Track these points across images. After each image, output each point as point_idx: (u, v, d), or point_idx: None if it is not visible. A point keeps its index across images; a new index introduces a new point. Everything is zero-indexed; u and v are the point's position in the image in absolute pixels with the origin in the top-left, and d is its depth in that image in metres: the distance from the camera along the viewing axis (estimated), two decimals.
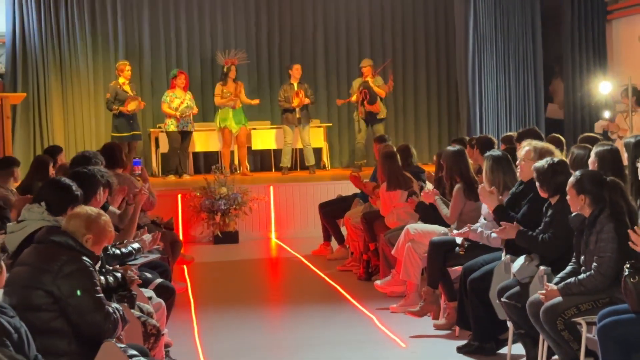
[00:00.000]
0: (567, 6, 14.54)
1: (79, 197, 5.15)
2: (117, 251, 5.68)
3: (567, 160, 6.18)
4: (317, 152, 14.46)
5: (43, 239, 4.22)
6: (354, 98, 13.56)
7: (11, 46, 14.09)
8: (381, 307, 7.43)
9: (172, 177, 13.19)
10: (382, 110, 13.46)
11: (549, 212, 5.47)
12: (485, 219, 6.37)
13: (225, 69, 13.54)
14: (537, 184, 5.49)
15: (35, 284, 3.98)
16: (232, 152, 13.80)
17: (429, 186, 8.12)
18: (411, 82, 15.72)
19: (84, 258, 4.14)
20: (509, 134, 9.48)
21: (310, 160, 13.65)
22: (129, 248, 5.81)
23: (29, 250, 4.23)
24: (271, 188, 11.99)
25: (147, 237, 6.24)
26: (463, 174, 7.05)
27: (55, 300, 3.99)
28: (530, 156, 5.90)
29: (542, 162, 5.48)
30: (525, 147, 6.06)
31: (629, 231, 4.57)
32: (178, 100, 13.16)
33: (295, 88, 13.31)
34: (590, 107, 14.15)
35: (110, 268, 4.87)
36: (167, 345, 5.67)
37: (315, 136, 14.35)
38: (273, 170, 14.28)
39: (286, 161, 13.60)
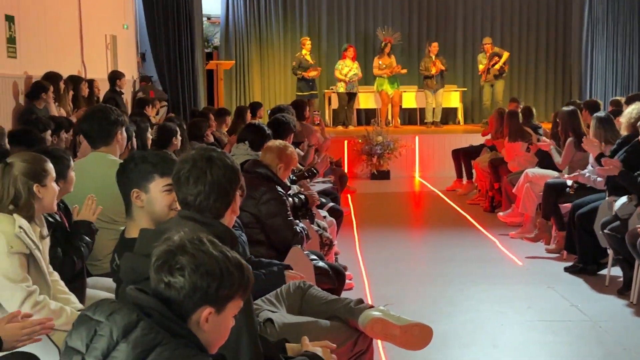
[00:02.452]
0: None
1: (270, 136, 5.29)
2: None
3: None
4: (453, 111, 14.29)
5: (250, 170, 4.30)
6: (481, 67, 13.21)
7: (224, 26, 14.63)
8: (502, 234, 7.29)
9: (340, 128, 13.27)
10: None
11: None
12: (592, 166, 6.11)
13: (382, 45, 13.41)
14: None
15: (243, 206, 4.11)
16: (387, 110, 13.72)
17: (545, 139, 7.83)
18: (533, 56, 15.21)
19: (278, 188, 4.22)
20: (616, 97, 8.96)
21: (438, 116, 13.38)
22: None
23: None
24: (416, 138, 11.87)
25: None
26: (575, 129, 6.77)
27: (257, 220, 4.11)
28: (632, 115, 5.59)
29: None
30: (629, 108, 5.75)
31: None
32: (347, 68, 13.17)
33: (433, 60, 13.03)
34: None
35: (297, 191, 4.99)
36: (336, 253, 5.79)
37: (452, 98, 14.11)
38: (418, 124, 14.11)
39: (429, 117, 13.42)
